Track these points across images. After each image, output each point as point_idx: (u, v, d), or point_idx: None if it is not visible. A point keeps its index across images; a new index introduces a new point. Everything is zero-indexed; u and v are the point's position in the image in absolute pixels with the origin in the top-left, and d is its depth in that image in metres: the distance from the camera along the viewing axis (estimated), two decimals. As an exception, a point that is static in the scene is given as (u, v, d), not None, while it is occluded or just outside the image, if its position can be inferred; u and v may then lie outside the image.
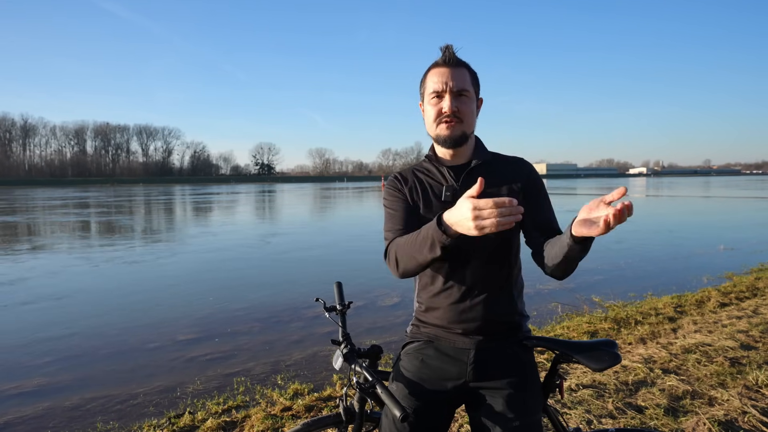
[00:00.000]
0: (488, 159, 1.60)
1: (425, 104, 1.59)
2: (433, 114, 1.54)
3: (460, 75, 1.52)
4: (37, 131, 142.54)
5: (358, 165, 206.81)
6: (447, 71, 1.52)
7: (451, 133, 1.52)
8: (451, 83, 1.51)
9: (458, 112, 1.52)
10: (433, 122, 1.55)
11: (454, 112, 1.51)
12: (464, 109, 1.52)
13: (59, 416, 3.51)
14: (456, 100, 1.51)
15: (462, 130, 1.53)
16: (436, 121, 1.54)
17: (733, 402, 3.25)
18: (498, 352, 1.54)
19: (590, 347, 1.59)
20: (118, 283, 7.88)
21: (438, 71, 1.54)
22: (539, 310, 5.84)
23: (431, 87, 1.54)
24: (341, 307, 1.76)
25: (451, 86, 1.51)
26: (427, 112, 1.57)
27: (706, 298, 6.05)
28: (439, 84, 1.52)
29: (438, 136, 1.55)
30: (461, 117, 1.52)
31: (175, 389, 3.91)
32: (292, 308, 6.19)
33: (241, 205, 29.25)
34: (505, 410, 1.47)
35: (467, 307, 1.53)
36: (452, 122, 1.52)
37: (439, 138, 1.56)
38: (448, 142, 1.54)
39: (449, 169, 1.58)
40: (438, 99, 1.53)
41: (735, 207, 23.40)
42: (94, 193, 48.93)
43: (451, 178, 1.57)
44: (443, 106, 1.51)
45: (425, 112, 1.60)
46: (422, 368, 1.56)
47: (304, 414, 3.33)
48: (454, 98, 1.51)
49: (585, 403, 3.30)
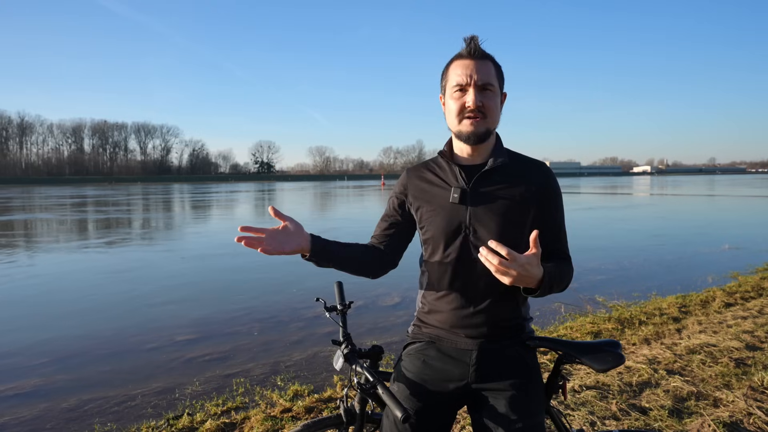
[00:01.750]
0: (505, 160, 1.53)
1: (447, 98, 1.53)
2: (456, 108, 1.49)
3: (485, 68, 1.47)
4: (34, 129, 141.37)
5: (359, 163, 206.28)
6: (472, 63, 1.47)
7: (475, 129, 1.48)
8: (476, 76, 1.45)
9: (483, 107, 1.47)
10: (456, 117, 1.49)
11: (479, 107, 1.46)
12: (489, 104, 1.48)
13: (56, 418, 3.48)
14: (480, 94, 1.46)
15: (486, 126, 1.49)
16: (459, 116, 1.49)
17: (739, 403, 3.22)
18: (500, 353, 1.52)
19: (594, 348, 1.58)
20: (116, 282, 7.85)
21: (462, 63, 1.48)
22: (542, 310, 5.80)
23: (454, 80, 1.49)
24: (342, 307, 1.74)
25: (476, 79, 1.45)
26: (449, 105, 1.52)
27: (710, 298, 6.02)
28: (463, 77, 1.46)
29: (460, 132, 1.50)
30: (485, 112, 1.47)
31: (173, 390, 3.87)
32: (292, 308, 6.16)
33: (241, 204, 29.26)
34: (507, 411, 1.45)
35: (470, 313, 1.51)
36: (477, 117, 1.47)
37: (461, 134, 1.50)
38: (471, 139, 1.49)
39: (461, 169, 1.54)
40: (461, 93, 1.48)
41: (740, 206, 23.35)
42: (92, 191, 49.02)
43: (462, 180, 1.53)
44: (467, 101, 1.46)
45: (446, 106, 1.54)
46: (424, 369, 1.54)
47: (304, 415, 3.30)
48: (479, 92, 1.46)
49: (588, 405, 3.27)
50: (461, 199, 1.50)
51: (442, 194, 1.54)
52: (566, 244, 1.58)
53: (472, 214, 1.49)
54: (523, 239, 1.51)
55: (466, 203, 1.50)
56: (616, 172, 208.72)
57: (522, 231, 1.50)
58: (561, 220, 1.58)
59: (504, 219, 1.48)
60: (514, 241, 1.48)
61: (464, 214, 1.50)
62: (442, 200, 1.53)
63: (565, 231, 1.59)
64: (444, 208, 1.52)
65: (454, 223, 1.50)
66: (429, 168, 1.62)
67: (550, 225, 1.54)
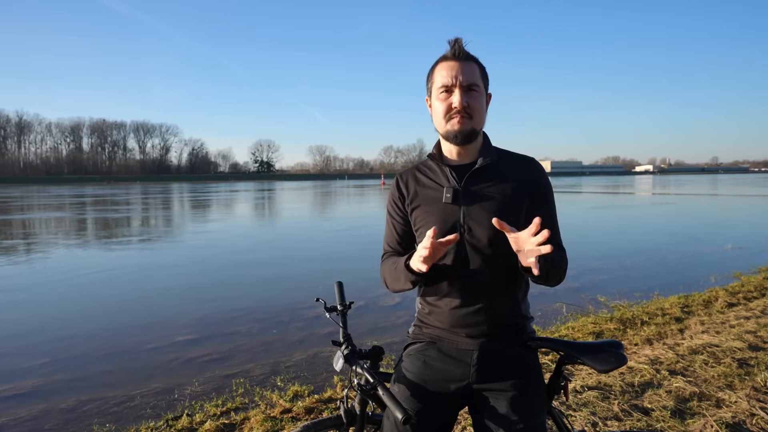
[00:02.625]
0: (494, 159, 1.56)
1: (433, 99, 1.55)
2: (443, 109, 1.51)
3: (469, 69, 1.50)
4: (32, 128, 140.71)
5: (359, 162, 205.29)
6: (456, 65, 1.49)
7: (461, 128, 1.49)
8: (461, 77, 1.48)
9: (468, 108, 1.49)
10: (443, 118, 1.51)
11: (465, 108, 1.48)
12: (474, 105, 1.50)
13: (55, 418, 3.47)
14: (466, 95, 1.49)
15: (472, 126, 1.51)
16: (446, 117, 1.51)
17: (741, 404, 3.21)
18: (502, 353, 1.52)
19: (595, 348, 1.58)
20: (114, 282, 7.83)
21: (447, 65, 1.50)
22: (543, 310, 5.78)
23: (440, 81, 1.51)
24: (342, 308, 1.74)
25: (461, 80, 1.48)
26: (435, 107, 1.54)
27: (713, 298, 5.99)
28: (448, 78, 1.48)
29: (447, 132, 1.52)
30: (471, 112, 1.49)
31: (172, 391, 3.86)
32: (291, 308, 6.15)
33: (240, 203, 29.27)
34: (509, 412, 1.45)
35: (471, 312, 1.51)
36: (462, 118, 1.48)
37: (448, 134, 1.52)
38: (458, 138, 1.51)
39: (452, 170, 1.55)
40: (447, 94, 1.50)
41: (743, 205, 23.31)
42: (91, 191, 49.01)
43: (453, 179, 1.54)
44: (453, 101, 1.49)
45: (433, 108, 1.56)
46: (425, 369, 1.54)
47: (304, 416, 3.29)
48: (464, 93, 1.48)
49: (590, 405, 3.26)
50: (454, 199, 1.51)
51: (435, 195, 1.55)
52: (559, 235, 1.61)
53: (465, 213, 1.51)
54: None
55: (459, 203, 1.52)
56: (618, 172, 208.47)
57: (516, 226, 1.49)
58: (553, 212, 1.59)
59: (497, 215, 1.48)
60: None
61: (458, 214, 1.51)
62: (436, 201, 1.55)
63: (558, 223, 1.60)
64: (438, 209, 1.53)
65: (449, 222, 1.51)
66: (420, 171, 1.64)
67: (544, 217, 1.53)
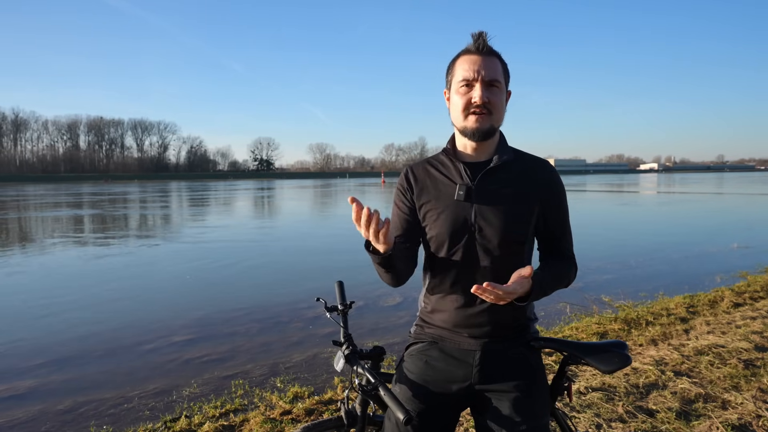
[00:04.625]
0: (510, 158, 1.52)
1: (452, 93, 1.51)
2: (462, 104, 1.47)
3: (492, 64, 1.46)
4: (28, 126, 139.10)
5: (360, 160, 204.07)
6: (479, 59, 1.46)
7: (480, 125, 1.46)
8: (483, 72, 1.44)
9: (489, 103, 1.45)
10: (461, 112, 1.48)
11: (485, 103, 1.44)
12: (495, 101, 1.46)
13: (51, 420, 3.43)
14: (487, 90, 1.45)
15: (491, 123, 1.47)
16: (465, 112, 1.47)
17: (747, 405, 3.18)
18: (505, 353, 1.50)
19: (600, 349, 1.57)
20: (112, 282, 7.79)
21: (469, 58, 1.47)
22: (547, 310, 5.74)
23: (461, 74, 1.47)
24: (343, 307, 1.73)
25: (483, 75, 1.44)
26: (454, 101, 1.50)
27: (719, 298, 5.94)
28: (470, 72, 1.45)
29: (465, 128, 1.48)
30: (491, 109, 1.46)
31: (170, 392, 3.82)
32: (291, 308, 6.11)
33: (240, 203, 29.27)
34: (511, 413, 1.43)
35: (475, 312, 1.49)
36: (482, 114, 1.45)
37: (466, 130, 1.49)
38: (476, 135, 1.47)
39: (466, 167, 1.51)
40: (468, 88, 1.46)
41: (748, 204, 23.24)
42: (87, 189, 48.97)
43: (467, 177, 1.50)
44: (473, 96, 1.45)
45: (451, 101, 1.52)
46: (426, 370, 1.53)
47: (304, 418, 3.25)
48: (486, 88, 1.45)
49: (594, 407, 3.22)
50: (466, 197, 1.48)
51: (446, 191, 1.51)
52: (570, 242, 1.58)
53: (477, 212, 1.47)
54: (527, 236, 1.51)
55: (471, 200, 1.48)
56: (623, 170, 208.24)
57: (527, 228, 1.49)
58: (565, 218, 1.57)
59: (509, 217, 1.47)
60: (519, 238, 1.48)
61: (470, 212, 1.48)
62: (447, 197, 1.51)
63: (570, 229, 1.58)
64: (449, 206, 1.50)
65: (459, 220, 1.48)
66: (431, 164, 1.59)
67: (554, 223, 1.54)
